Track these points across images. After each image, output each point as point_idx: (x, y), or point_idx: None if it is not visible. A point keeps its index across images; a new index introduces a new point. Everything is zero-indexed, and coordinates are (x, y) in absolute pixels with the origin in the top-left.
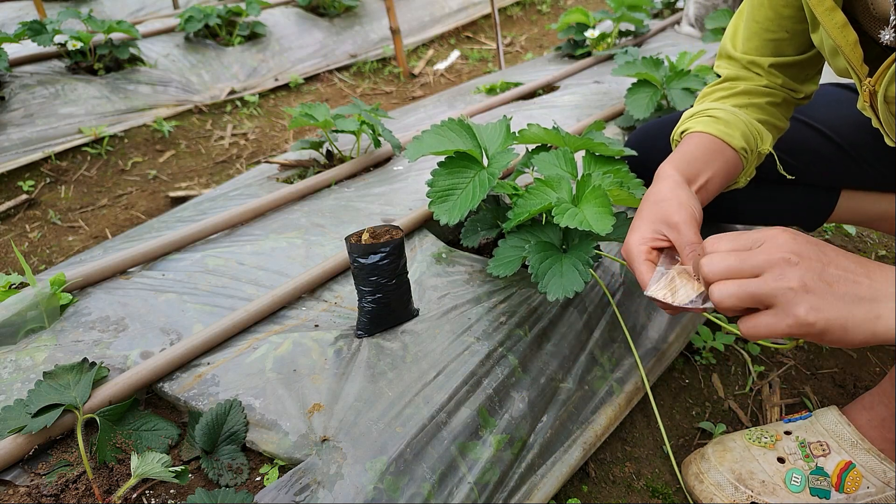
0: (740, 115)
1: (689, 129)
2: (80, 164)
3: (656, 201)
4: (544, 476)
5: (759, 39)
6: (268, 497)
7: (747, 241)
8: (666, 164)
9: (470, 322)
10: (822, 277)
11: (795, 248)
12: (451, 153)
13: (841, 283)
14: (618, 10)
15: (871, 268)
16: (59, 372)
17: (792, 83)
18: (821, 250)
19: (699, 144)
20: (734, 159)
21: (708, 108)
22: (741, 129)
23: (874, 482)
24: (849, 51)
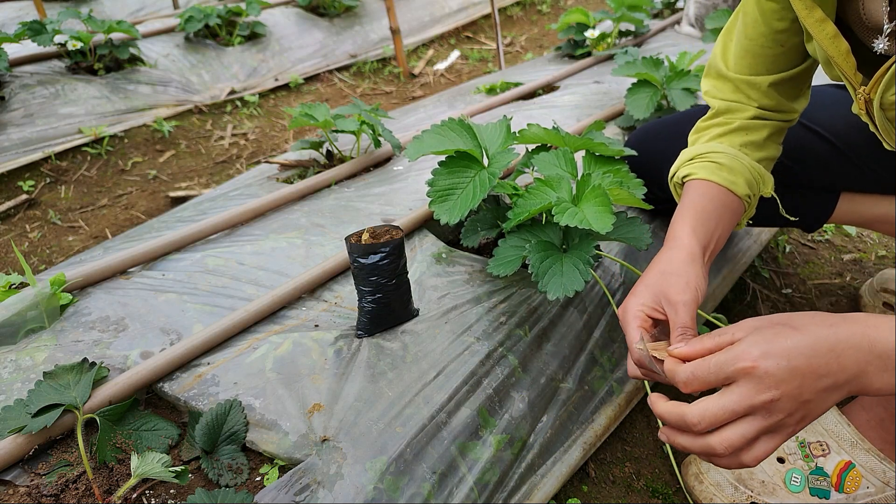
0: (742, 160)
1: (693, 175)
2: (80, 164)
3: (665, 272)
4: (544, 476)
5: (753, 56)
6: (268, 497)
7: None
8: (683, 226)
9: (470, 322)
10: (800, 404)
11: (774, 381)
12: (452, 153)
13: (817, 400)
14: (618, 10)
15: (841, 351)
16: (59, 372)
17: (786, 102)
18: (797, 375)
19: (709, 197)
20: (739, 208)
21: (709, 151)
22: (745, 176)
23: (874, 482)
24: (841, 60)
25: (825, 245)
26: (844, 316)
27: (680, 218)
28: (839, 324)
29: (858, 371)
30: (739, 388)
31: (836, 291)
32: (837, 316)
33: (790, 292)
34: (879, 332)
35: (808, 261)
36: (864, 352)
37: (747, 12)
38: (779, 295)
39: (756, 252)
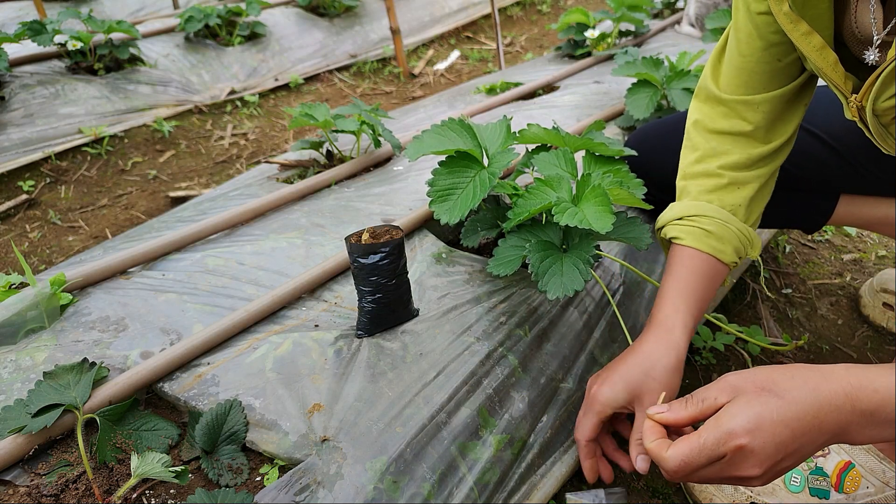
0: (730, 225)
1: (680, 239)
2: (80, 164)
3: (648, 374)
4: (544, 476)
5: (749, 74)
6: (268, 497)
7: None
8: (671, 308)
9: (470, 322)
10: (776, 466)
11: (761, 458)
12: (452, 153)
13: (795, 458)
14: (618, 10)
15: (823, 416)
16: (59, 372)
17: (780, 125)
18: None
19: (696, 270)
20: (724, 273)
21: (697, 214)
22: (734, 244)
23: (873, 482)
24: (829, 71)
25: (825, 245)
26: (826, 373)
27: (670, 298)
28: (821, 386)
29: (840, 430)
30: (726, 462)
31: (836, 291)
32: (819, 373)
33: (790, 292)
34: (861, 389)
35: (808, 261)
36: (845, 412)
37: (739, 28)
38: (779, 295)
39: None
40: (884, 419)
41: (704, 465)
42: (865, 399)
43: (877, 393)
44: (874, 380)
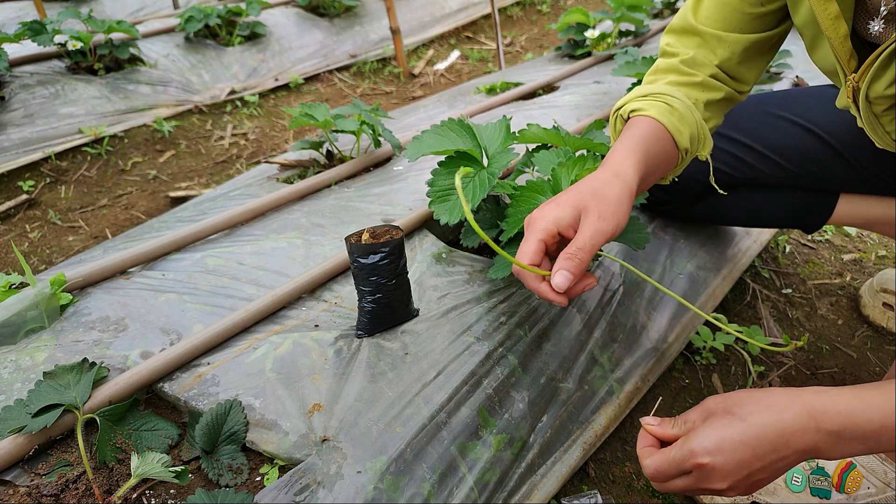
0: (695, 113)
1: (642, 111)
2: (80, 164)
3: (598, 194)
4: (544, 476)
5: (731, 10)
6: (268, 497)
7: (682, 465)
8: (627, 156)
9: (470, 322)
10: (748, 480)
11: (722, 474)
12: (452, 153)
13: (768, 472)
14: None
15: (789, 437)
16: (59, 372)
17: (744, 69)
18: (743, 466)
19: (656, 138)
20: (674, 159)
21: (665, 91)
22: (691, 130)
23: (875, 482)
24: (838, 44)
25: (825, 245)
26: (794, 397)
27: (623, 147)
28: (785, 410)
29: (809, 449)
30: (696, 475)
31: (836, 291)
32: (788, 397)
33: (790, 292)
34: (825, 412)
35: (808, 261)
36: (811, 432)
37: None
38: (779, 295)
39: (756, 252)
40: (852, 437)
41: (674, 476)
42: (829, 421)
43: (840, 415)
44: (839, 402)
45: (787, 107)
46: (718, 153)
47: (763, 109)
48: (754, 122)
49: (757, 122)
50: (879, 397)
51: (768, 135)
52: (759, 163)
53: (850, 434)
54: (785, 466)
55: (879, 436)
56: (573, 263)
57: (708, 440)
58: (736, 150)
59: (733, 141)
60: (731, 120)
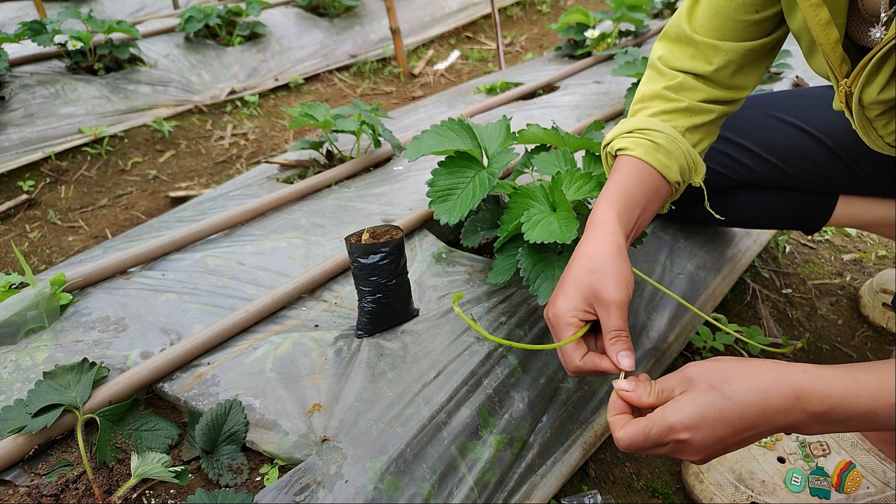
0: (680, 144)
1: (627, 150)
2: (80, 164)
3: (595, 270)
4: (544, 476)
5: (724, 19)
6: (268, 497)
7: (660, 440)
8: (608, 210)
9: None
10: (722, 452)
11: (698, 448)
12: (452, 153)
13: (742, 444)
14: (618, 11)
15: (772, 415)
16: (60, 372)
17: (739, 78)
18: (721, 442)
19: (638, 179)
20: (667, 193)
21: (648, 127)
22: (679, 162)
23: (874, 482)
24: (829, 50)
25: (825, 245)
26: (782, 374)
27: (605, 200)
28: (773, 388)
29: (789, 425)
30: (668, 448)
31: (836, 291)
32: (775, 374)
33: (790, 292)
34: (815, 394)
35: (808, 261)
36: (795, 412)
37: None
38: (779, 295)
39: (756, 252)
40: (834, 419)
41: (649, 449)
42: (817, 402)
43: (830, 397)
44: (831, 384)
45: (785, 108)
46: (716, 155)
47: (761, 111)
48: (752, 123)
49: (755, 124)
50: (872, 382)
51: (766, 137)
52: (756, 165)
53: (833, 416)
54: (758, 438)
55: (861, 418)
56: (624, 342)
57: (689, 416)
58: (733, 152)
59: (731, 142)
60: (729, 121)
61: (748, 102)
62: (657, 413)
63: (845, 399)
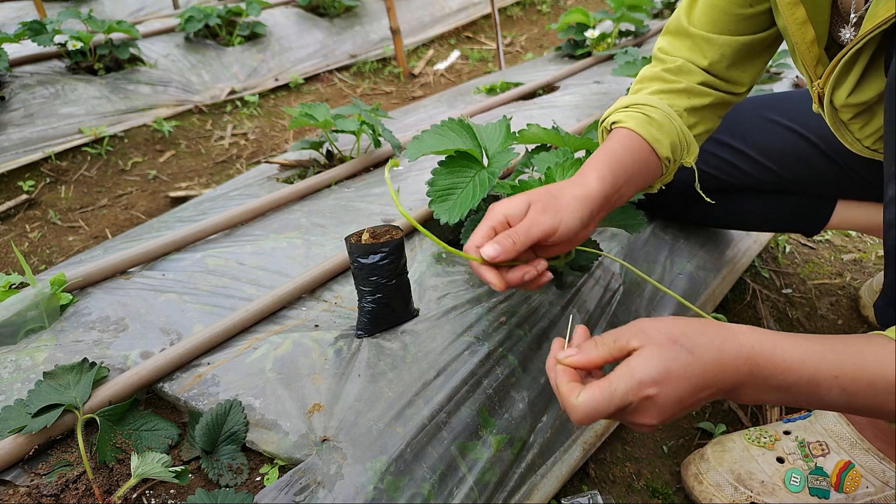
0: (674, 121)
1: (621, 122)
2: (80, 164)
3: (553, 194)
4: (544, 476)
5: (719, 12)
6: (268, 497)
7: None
8: (592, 169)
9: (470, 322)
10: (672, 417)
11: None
12: (452, 153)
13: (686, 411)
14: (618, 11)
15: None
16: (60, 372)
17: (736, 72)
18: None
19: (628, 148)
20: (656, 169)
21: (644, 102)
22: (671, 138)
23: (873, 482)
24: (804, 49)
25: (825, 245)
26: (732, 334)
27: (592, 160)
28: (726, 345)
29: (731, 389)
30: (630, 408)
31: (836, 291)
32: (725, 333)
33: (790, 292)
34: (762, 355)
35: (808, 261)
36: (742, 374)
37: None
38: (779, 295)
39: (756, 252)
40: (775, 385)
41: (613, 413)
42: (765, 365)
43: (784, 362)
44: (785, 348)
45: (782, 111)
46: (712, 158)
47: (758, 113)
48: (748, 126)
49: (751, 127)
50: (818, 353)
51: (762, 140)
52: (752, 168)
53: (776, 383)
54: (699, 404)
55: (803, 388)
56: (504, 240)
57: (656, 370)
58: (729, 156)
59: (726, 146)
60: (726, 124)
61: (745, 104)
62: (622, 368)
63: (790, 365)
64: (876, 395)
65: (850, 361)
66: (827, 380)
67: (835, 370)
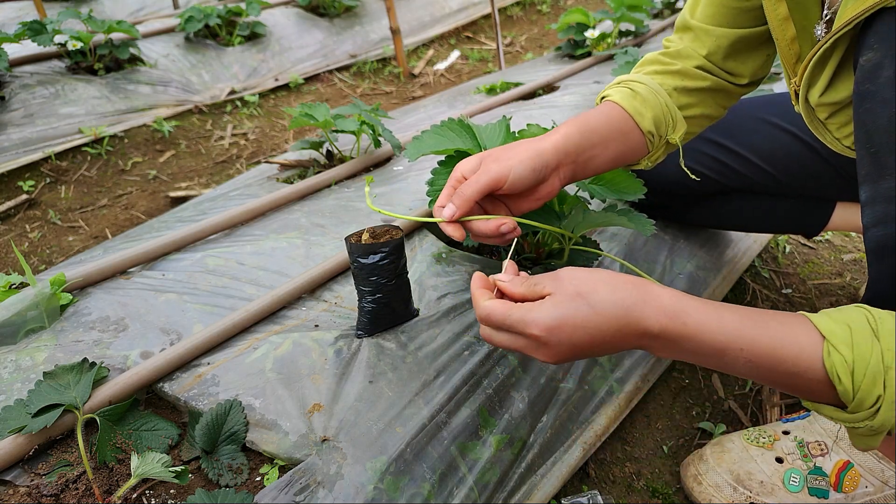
0: (661, 97)
1: (609, 96)
2: (80, 164)
3: (508, 147)
4: (544, 476)
5: (717, 6)
6: (268, 497)
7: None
8: (560, 128)
9: (470, 322)
10: (574, 358)
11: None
12: (451, 153)
13: (596, 355)
14: (618, 11)
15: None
16: (60, 372)
17: (733, 63)
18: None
19: (608, 117)
20: (637, 141)
21: (634, 79)
22: (654, 112)
23: (872, 481)
24: (784, 46)
25: (825, 245)
26: (649, 296)
27: (565, 122)
28: (636, 306)
29: (643, 346)
30: (524, 341)
31: (836, 291)
32: (642, 293)
33: (790, 292)
34: (674, 319)
35: (808, 261)
36: (648, 337)
37: None
38: (779, 295)
39: (756, 252)
40: (686, 350)
41: (502, 331)
42: (674, 329)
43: (686, 326)
44: (690, 313)
45: (779, 112)
46: (710, 161)
47: (754, 114)
48: (745, 128)
49: (748, 129)
50: (732, 323)
51: (758, 142)
52: (749, 171)
53: (686, 347)
54: (613, 352)
55: (712, 355)
56: (455, 198)
57: (549, 317)
58: (725, 157)
59: (724, 148)
60: (722, 125)
61: (743, 105)
62: (525, 305)
63: (702, 332)
64: (779, 374)
65: (761, 337)
66: (733, 351)
67: (741, 343)
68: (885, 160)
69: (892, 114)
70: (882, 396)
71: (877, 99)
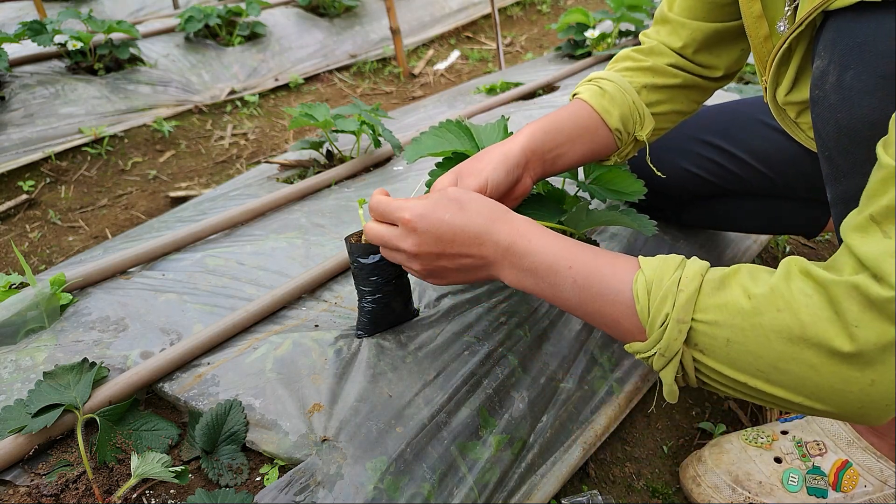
0: (628, 95)
1: (579, 94)
2: (80, 164)
3: (478, 158)
4: (544, 476)
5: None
6: (268, 497)
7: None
8: (529, 127)
9: (470, 322)
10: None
11: (417, 239)
12: (450, 154)
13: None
14: (618, 11)
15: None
16: (60, 372)
17: (707, 55)
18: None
19: (573, 114)
20: (606, 137)
21: (603, 77)
22: (622, 110)
23: (871, 481)
24: (757, 44)
25: (825, 245)
26: (509, 216)
27: (531, 122)
28: (497, 220)
29: (493, 262)
30: (395, 230)
31: None
32: (504, 214)
33: None
34: (522, 236)
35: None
36: (501, 250)
37: None
38: None
39: (756, 252)
40: (527, 268)
41: (384, 220)
42: (521, 245)
43: (530, 243)
44: (536, 234)
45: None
46: (705, 162)
47: (750, 115)
48: (740, 129)
49: (742, 130)
50: (565, 248)
51: (753, 144)
52: (744, 173)
53: (527, 264)
54: (466, 270)
55: (546, 272)
56: None
57: (421, 205)
58: (719, 158)
59: (719, 149)
60: (716, 126)
61: (737, 105)
62: (410, 199)
63: (542, 249)
64: (599, 303)
65: (588, 259)
66: (563, 269)
67: (571, 262)
68: (837, 163)
69: (837, 119)
70: (670, 315)
71: (825, 104)
